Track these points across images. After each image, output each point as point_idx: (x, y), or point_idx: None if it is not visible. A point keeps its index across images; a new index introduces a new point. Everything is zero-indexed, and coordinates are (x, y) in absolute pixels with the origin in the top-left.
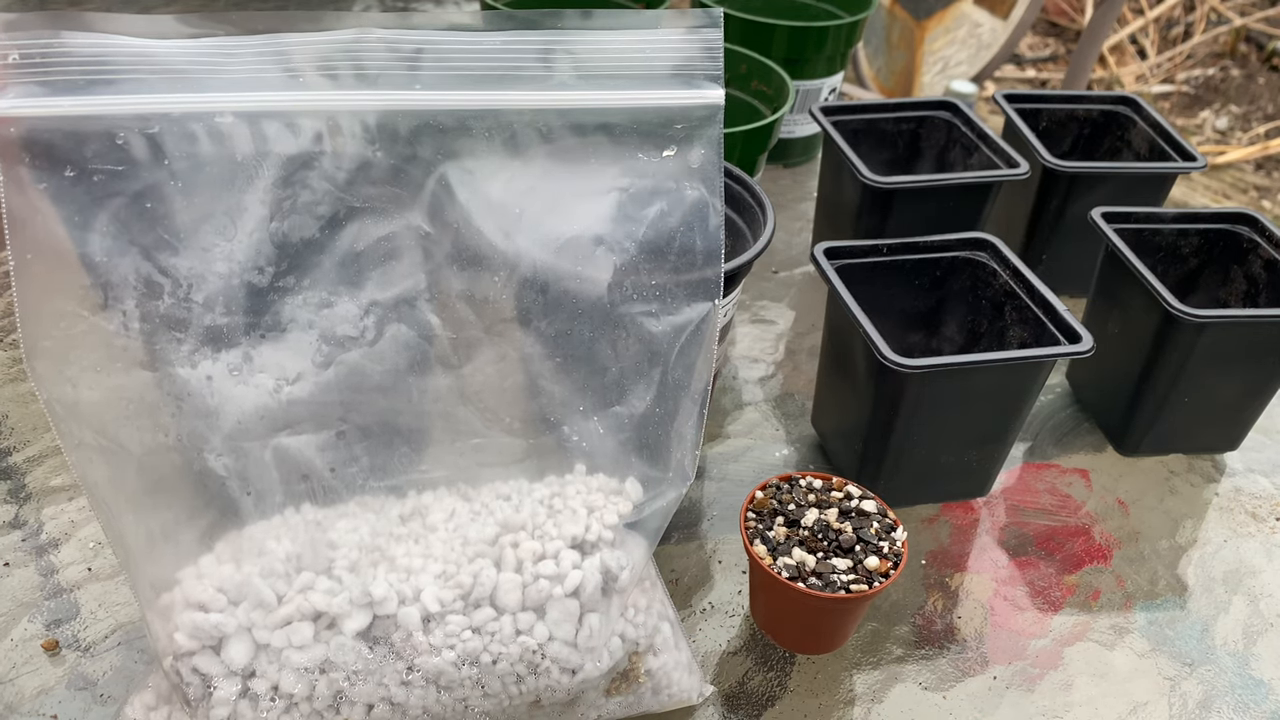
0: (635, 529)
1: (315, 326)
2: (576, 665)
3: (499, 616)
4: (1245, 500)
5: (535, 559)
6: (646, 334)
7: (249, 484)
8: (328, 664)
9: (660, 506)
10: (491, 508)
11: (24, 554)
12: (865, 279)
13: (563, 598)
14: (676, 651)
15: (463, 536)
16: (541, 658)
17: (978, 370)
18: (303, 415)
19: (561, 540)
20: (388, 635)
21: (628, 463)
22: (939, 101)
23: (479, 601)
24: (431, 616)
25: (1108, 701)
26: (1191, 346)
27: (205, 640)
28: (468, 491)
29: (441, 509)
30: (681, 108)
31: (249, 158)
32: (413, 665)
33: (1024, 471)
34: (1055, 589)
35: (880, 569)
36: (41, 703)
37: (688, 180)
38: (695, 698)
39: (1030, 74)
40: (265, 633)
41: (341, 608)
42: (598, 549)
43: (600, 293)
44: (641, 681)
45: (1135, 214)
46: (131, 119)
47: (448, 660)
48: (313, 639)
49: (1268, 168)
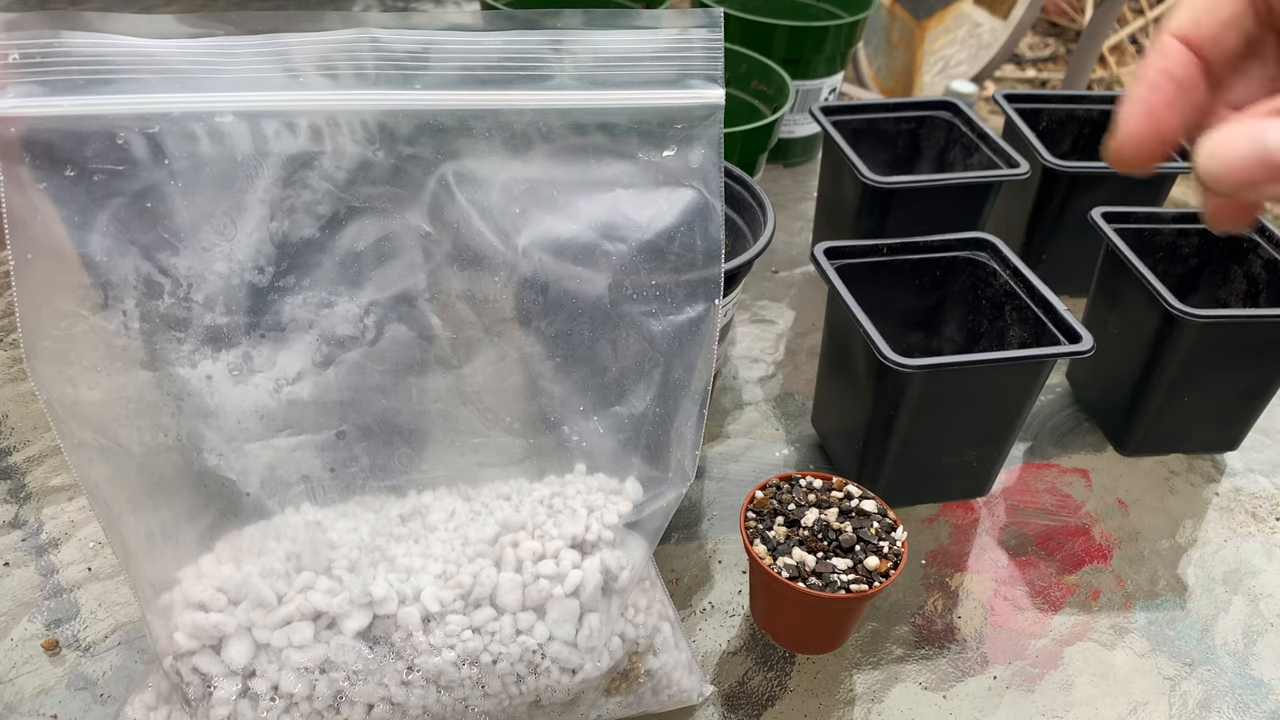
0: (635, 529)
1: (315, 326)
2: (576, 665)
3: (499, 616)
4: (1245, 500)
5: (535, 559)
6: (647, 334)
7: (249, 483)
8: (328, 664)
9: (660, 506)
10: (491, 507)
11: (24, 554)
12: (865, 279)
13: (563, 597)
14: (677, 651)
15: (463, 536)
16: (541, 658)
17: (978, 370)
18: (302, 415)
19: (561, 540)
20: (388, 635)
21: (628, 463)
22: (939, 101)
23: (479, 601)
24: (431, 616)
25: (1108, 701)
26: (1192, 346)
27: (205, 640)
28: (468, 491)
29: (441, 509)
30: (681, 108)
31: (249, 157)
32: (413, 665)
33: (1024, 471)
34: (1055, 589)
35: (880, 569)
36: (41, 702)
37: (688, 180)
38: (695, 698)
39: (1030, 74)
40: (265, 632)
41: (341, 607)
42: (598, 549)
43: (600, 292)
44: (642, 681)
45: (1135, 214)
46: (131, 119)
47: (448, 660)
48: (313, 638)
49: None
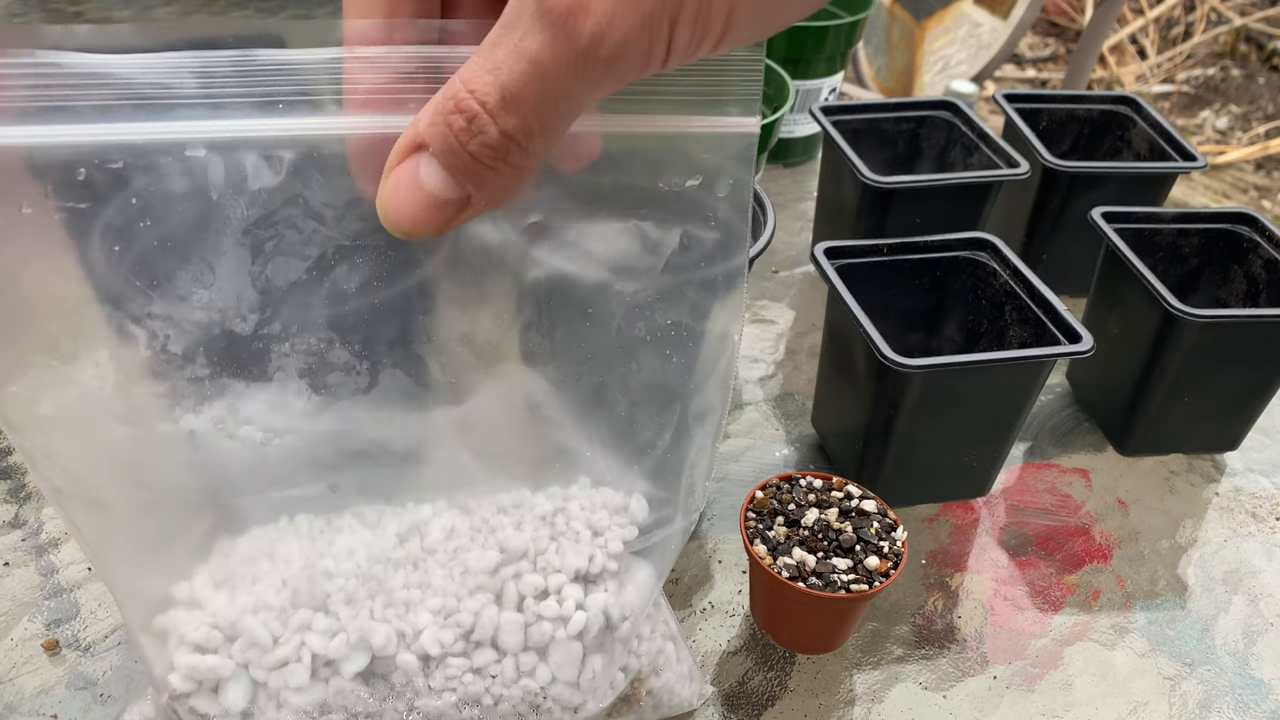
0: (643, 557)
1: (305, 375)
2: (579, 704)
3: (500, 659)
4: (1245, 500)
5: (537, 595)
6: (661, 365)
7: (240, 526)
8: (326, 706)
9: (668, 534)
10: (492, 524)
11: (24, 553)
12: (865, 279)
13: (566, 640)
14: (678, 665)
15: (462, 564)
16: (544, 698)
17: (978, 370)
18: (293, 470)
19: (564, 574)
20: (387, 674)
21: (633, 482)
22: (939, 101)
23: (480, 642)
24: (431, 659)
25: (1108, 701)
26: (1192, 346)
27: (203, 681)
28: (467, 503)
29: (440, 526)
30: (711, 135)
31: (224, 194)
32: (413, 706)
33: (1024, 471)
34: (1055, 589)
35: (880, 569)
36: (41, 702)
37: (712, 213)
38: (695, 702)
39: (1030, 74)
40: (262, 672)
41: (339, 650)
42: (602, 582)
43: (615, 323)
44: (643, 702)
45: (1135, 214)
46: (91, 150)
47: (448, 703)
48: (309, 680)
49: (1268, 167)
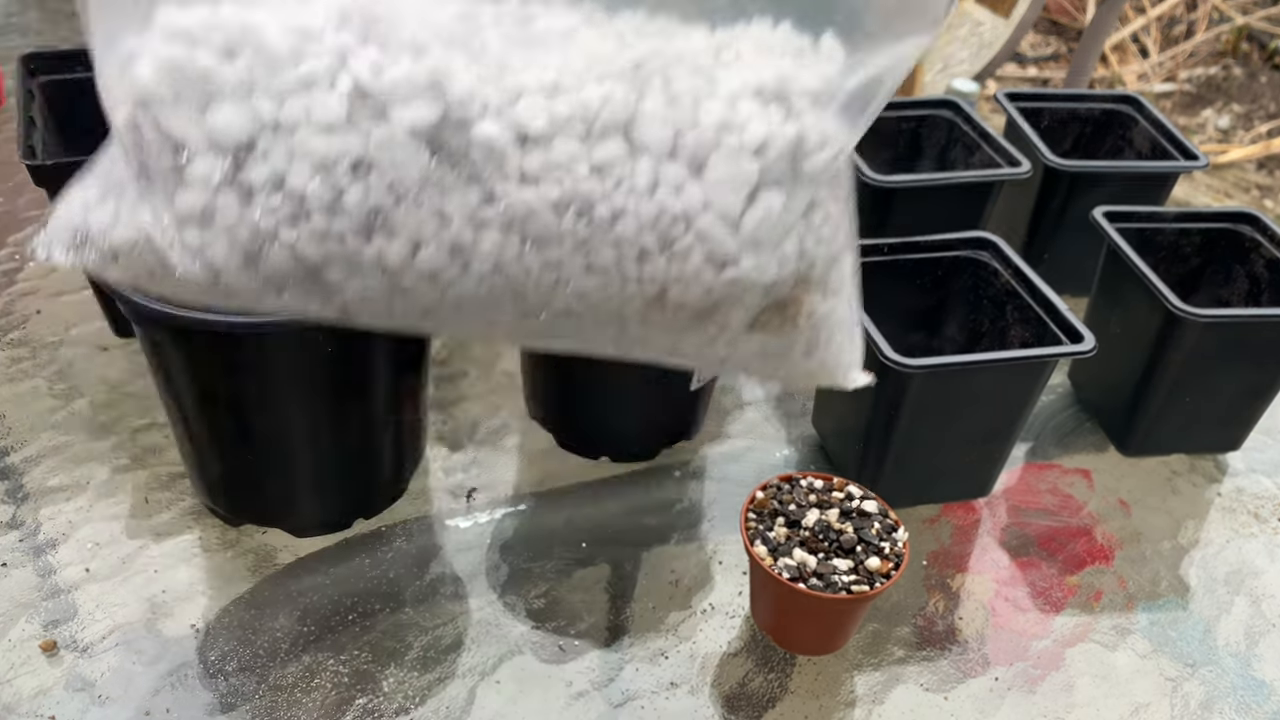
0: (837, 109)
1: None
2: (731, 256)
3: (633, 156)
4: (1247, 500)
5: (696, 99)
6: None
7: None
8: (364, 163)
9: (881, 71)
10: (629, 40)
11: (22, 554)
12: (865, 279)
13: (736, 151)
14: (848, 307)
15: (587, 53)
16: (684, 230)
17: (979, 370)
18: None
19: (740, 84)
20: (464, 148)
21: (826, 12)
22: (940, 100)
23: (606, 130)
24: (530, 139)
25: (1109, 702)
26: (1194, 346)
27: (182, 89)
28: (595, 15)
29: (555, 20)
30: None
31: None
32: (493, 195)
33: (1025, 472)
34: (1057, 590)
35: (881, 570)
36: (39, 703)
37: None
38: (849, 378)
39: (1032, 73)
40: (271, 103)
41: (396, 87)
42: (789, 102)
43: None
44: (799, 324)
45: (1137, 213)
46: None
47: (547, 200)
48: (345, 118)
49: (1270, 167)
